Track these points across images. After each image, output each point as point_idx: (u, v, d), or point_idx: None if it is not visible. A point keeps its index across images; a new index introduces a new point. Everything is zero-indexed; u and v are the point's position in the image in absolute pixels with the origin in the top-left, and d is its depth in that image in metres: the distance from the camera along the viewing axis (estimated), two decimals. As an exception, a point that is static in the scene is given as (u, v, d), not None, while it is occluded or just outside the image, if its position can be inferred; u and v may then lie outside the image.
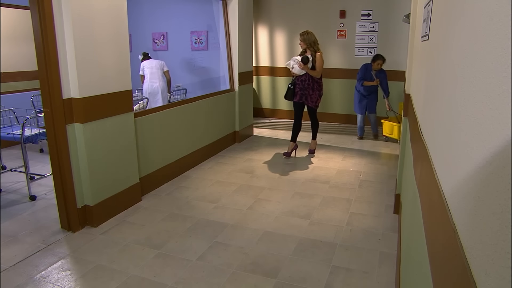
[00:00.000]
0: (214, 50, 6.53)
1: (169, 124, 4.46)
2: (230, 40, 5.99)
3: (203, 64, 6.97)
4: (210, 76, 6.69)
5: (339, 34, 7.30)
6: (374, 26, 7.00)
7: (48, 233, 3.32)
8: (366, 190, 4.24)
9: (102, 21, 3.27)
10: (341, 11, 7.17)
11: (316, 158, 5.40)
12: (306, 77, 5.16)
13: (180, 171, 4.74)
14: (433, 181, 1.18)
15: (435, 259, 0.99)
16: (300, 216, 3.61)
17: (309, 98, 5.22)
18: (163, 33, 7.23)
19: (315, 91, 5.21)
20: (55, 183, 3.30)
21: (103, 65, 3.33)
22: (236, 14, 5.87)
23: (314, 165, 5.12)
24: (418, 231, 1.51)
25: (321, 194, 4.15)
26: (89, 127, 3.25)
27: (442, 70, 1.28)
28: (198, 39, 6.87)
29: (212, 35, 6.71)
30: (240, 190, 4.26)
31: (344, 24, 7.23)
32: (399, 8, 6.74)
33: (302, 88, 5.20)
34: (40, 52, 2.99)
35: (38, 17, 2.90)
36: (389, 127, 6.16)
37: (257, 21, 7.81)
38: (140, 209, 3.78)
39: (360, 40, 7.16)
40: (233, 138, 6.16)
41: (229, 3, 5.89)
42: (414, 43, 3.19)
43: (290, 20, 7.57)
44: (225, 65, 6.07)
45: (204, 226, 3.44)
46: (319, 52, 5.13)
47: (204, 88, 6.52)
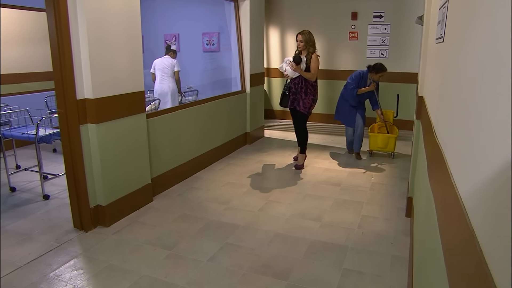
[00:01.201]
0: (226, 51, 6.54)
1: (180, 125, 4.48)
2: (241, 41, 6.00)
3: (214, 66, 6.99)
4: (222, 77, 6.71)
5: (350, 35, 7.27)
6: (386, 28, 6.96)
7: (61, 232, 3.36)
8: (377, 192, 4.21)
9: (115, 23, 3.30)
10: (353, 12, 7.14)
11: (326, 160, 5.38)
12: (300, 79, 4.71)
13: (191, 172, 4.76)
14: (449, 184, 1.17)
15: (452, 264, 0.98)
16: (311, 218, 3.60)
17: (301, 102, 4.73)
18: (175, 35, 7.27)
19: (309, 95, 4.72)
20: (68, 183, 3.33)
21: (116, 66, 3.36)
22: (248, 16, 5.88)
23: (325, 167, 5.10)
24: (432, 235, 1.49)
25: (332, 196, 4.13)
26: (102, 127, 3.28)
27: (459, 72, 1.27)
28: (209, 41, 6.90)
29: (223, 37, 6.73)
30: (251, 192, 4.27)
31: (355, 26, 7.20)
32: (411, 9, 6.69)
33: (294, 92, 4.77)
34: (55, 54, 3.03)
35: (54, 19, 2.94)
36: (382, 140, 5.36)
37: (268, 23, 7.82)
38: (151, 210, 3.80)
39: (372, 42, 7.12)
40: (244, 139, 6.17)
41: (241, 4, 5.91)
42: (427, 45, 3.16)
43: (301, 21, 7.56)
44: (237, 67, 6.09)
45: (216, 227, 3.45)
46: (314, 54, 4.70)
47: (215, 89, 6.55)
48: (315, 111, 7.76)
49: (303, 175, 4.81)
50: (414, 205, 3.21)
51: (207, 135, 5.07)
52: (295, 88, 4.76)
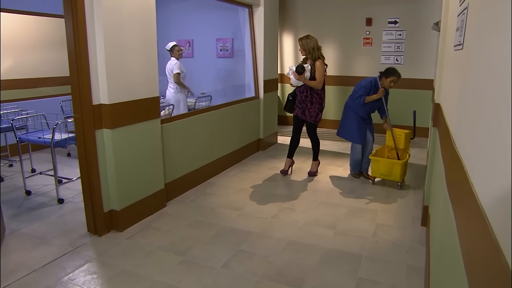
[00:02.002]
0: (240, 57, 6.58)
1: (194, 131, 4.51)
2: (255, 47, 6.03)
3: (228, 72, 7.03)
4: (235, 83, 6.74)
5: (365, 41, 7.25)
6: (401, 34, 6.93)
7: (75, 236, 3.40)
8: (392, 200, 4.17)
9: (131, 28, 3.35)
10: (367, 18, 7.13)
11: (340, 168, 5.35)
12: (305, 88, 4.60)
13: (204, 178, 4.78)
14: (470, 193, 1.16)
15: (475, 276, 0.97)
16: (325, 226, 3.58)
17: (307, 112, 4.65)
18: (189, 40, 7.34)
19: (314, 104, 4.62)
20: (83, 187, 3.38)
21: (132, 72, 3.41)
22: (262, 21, 5.92)
23: (339, 174, 5.07)
24: (451, 245, 1.47)
25: (346, 204, 4.11)
26: (117, 133, 3.32)
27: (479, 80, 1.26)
28: (223, 47, 6.95)
29: (237, 43, 6.77)
30: (265, 198, 4.26)
31: (370, 32, 7.18)
32: (427, 15, 6.66)
33: (300, 100, 4.66)
34: (72, 59, 3.09)
35: (72, 25, 3.00)
36: (386, 166, 4.44)
37: (282, 29, 7.84)
38: (164, 215, 3.83)
39: (387, 48, 7.09)
40: (257, 145, 6.18)
41: (255, 10, 5.95)
42: (444, 51, 3.14)
43: (315, 27, 7.57)
44: (250, 73, 6.11)
45: (229, 233, 3.45)
46: (319, 60, 4.51)
47: (229, 95, 6.58)
48: (329, 118, 7.78)
49: (316, 182, 4.79)
50: (430, 214, 3.17)
51: (220, 141, 5.10)
52: (301, 97, 4.67)
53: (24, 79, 6.47)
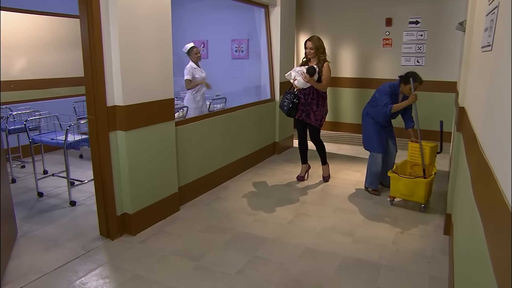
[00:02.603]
0: (255, 58, 6.60)
1: (208, 133, 4.54)
2: (271, 48, 6.04)
3: (243, 73, 7.05)
4: (250, 85, 6.75)
5: (384, 42, 7.20)
6: (422, 35, 6.86)
7: (88, 240, 3.44)
8: (412, 207, 4.11)
9: (146, 29, 3.39)
10: (387, 18, 7.07)
11: (358, 173, 5.31)
12: (311, 90, 4.54)
13: (218, 182, 4.80)
14: (500, 201, 1.13)
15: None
16: (343, 233, 3.55)
17: (312, 115, 4.59)
18: (203, 41, 7.39)
19: (320, 107, 4.58)
20: (96, 190, 3.42)
21: (147, 73, 3.44)
22: (278, 22, 5.93)
23: (357, 179, 5.03)
24: (479, 257, 1.44)
25: (364, 210, 4.07)
26: (131, 135, 3.35)
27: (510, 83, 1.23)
28: (238, 47, 6.98)
29: (253, 43, 6.79)
30: (280, 203, 4.25)
31: (390, 32, 7.12)
32: (450, 15, 6.58)
33: (304, 103, 4.59)
34: (87, 60, 3.14)
35: (87, 26, 3.05)
36: (408, 185, 3.96)
37: (299, 29, 7.84)
38: (178, 219, 3.85)
39: (407, 49, 7.03)
40: (272, 149, 6.17)
41: (272, 10, 5.96)
42: (471, 53, 3.09)
43: (333, 28, 7.55)
44: (266, 74, 6.12)
45: (244, 239, 3.45)
46: (327, 61, 4.53)
47: (244, 97, 6.58)
48: (346, 121, 7.74)
49: (333, 187, 4.76)
50: (453, 222, 3.12)
51: (235, 144, 5.11)
52: (305, 100, 4.58)
53: (37, 80, 6.60)
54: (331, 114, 7.62)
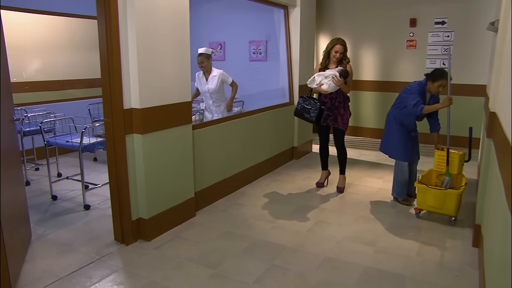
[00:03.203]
0: (273, 61, 6.60)
1: (225, 137, 4.56)
2: (291, 50, 6.05)
3: (261, 76, 7.06)
4: (269, 88, 6.76)
5: (408, 44, 7.13)
6: (449, 36, 6.78)
7: (102, 245, 3.48)
8: (438, 217, 4.04)
9: (164, 30, 3.43)
10: (411, 19, 7.01)
11: (380, 180, 5.26)
12: (338, 94, 4.53)
13: (235, 187, 4.81)
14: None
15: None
16: (365, 243, 3.52)
17: (339, 119, 4.57)
18: (221, 43, 7.44)
19: (346, 110, 4.61)
20: (111, 194, 3.46)
21: (164, 76, 3.48)
22: (298, 23, 5.93)
23: (379, 186, 4.98)
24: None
25: (387, 219, 4.03)
26: (148, 138, 3.39)
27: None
28: (256, 49, 7.00)
29: (271, 45, 6.80)
30: (299, 210, 4.24)
31: (414, 34, 7.06)
32: (479, 15, 6.48)
33: (331, 107, 4.55)
34: (104, 62, 3.18)
35: (105, 27, 3.10)
36: (437, 197, 3.81)
37: (318, 31, 7.83)
38: (194, 225, 3.87)
39: (433, 51, 6.95)
40: (290, 154, 6.17)
41: (291, 11, 5.97)
42: (503, 54, 3.04)
43: (354, 30, 7.52)
44: (285, 77, 6.13)
45: (262, 247, 3.45)
46: (349, 64, 4.57)
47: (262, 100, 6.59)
48: (367, 126, 7.68)
49: (354, 194, 4.72)
50: (483, 233, 3.06)
51: (252, 148, 5.12)
52: (332, 104, 4.55)
53: (52, 81, 6.73)
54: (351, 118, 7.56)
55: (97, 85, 6.32)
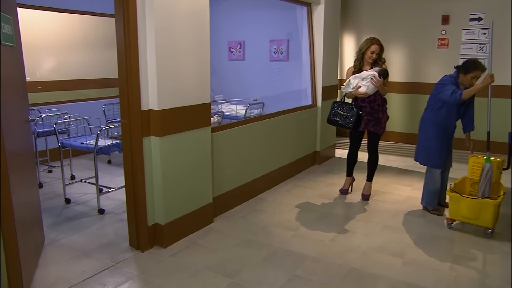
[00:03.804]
0: (295, 61, 6.61)
1: (245, 140, 4.58)
2: (314, 50, 6.04)
3: (282, 76, 7.07)
4: (290, 89, 6.77)
5: (440, 43, 7.04)
6: (485, 33, 6.65)
7: (116, 250, 3.52)
8: (472, 228, 3.97)
9: (184, 30, 3.47)
10: (443, 16, 6.92)
11: (408, 187, 5.20)
12: (376, 97, 4.46)
13: (255, 193, 4.83)
14: None
15: None
16: (392, 254, 3.48)
17: (378, 123, 4.51)
18: (240, 42, 7.48)
19: (385, 113, 4.56)
20: (127, 198, 3.51)
21: (183, 76, 3.52)
22: (322, 22, 5.93)
23: (407, 194, 4.93)
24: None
25: (416, 229, 3.98)
26: (166, 140, 3.43)
27: None
28: (278, 49, 7.01)
29: (293, 44, 6.80)
30: (322, 218, 4.23)
31: (446, 31, 6.96)
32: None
33: (370, 112, 4.48)
34: (122, 62, 3.24)
35: (123, 26, 3.15)
36: (472, 207, 3.71)
37: (343, 30, 7.80)
38: (212, 232, 3.89)
39: (467, 50, 6.83)
40: (313, 159, 6.15)
41: (315, 9, 5.97)
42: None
43: (381, 28, 7.46)
44: (307, 78, 6.13)
45: (282, 256, 3.44)
46: (385, 64, 4.52)
47: (283, 102, 6.60)
48: (393, 130, 7.60)
49: (380, 202, 4.68)
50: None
51: (273, 152, 5.13)
52: (371, 108, 4.48)
53: (65, 81, 6.87)
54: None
55: (112, 85, 6.44)
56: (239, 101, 6.62)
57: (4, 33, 2.67)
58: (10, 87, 2.85)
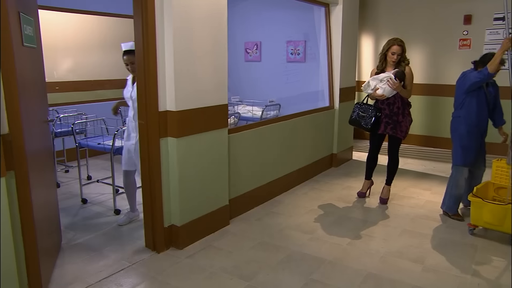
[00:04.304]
0: (313, 62, 6.61)
1: (261, 142, 4.60)
2: (331, 51, 6.04)
3: (299, 78, 7.08)
4: (307, 91, 6.77)
5: (461, 43, 6.97)
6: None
7: (132, 251, 3.57)
8: (495, 234, 3.92)
9: (202, 31, 3.51)
10: (466, 16, 6.84)
11: (427, 191, 5.16)
12: (396, 99, 4.43)
13: (271, 195, 4.85)
14: None
15: None
16: (411, 259, 3.46)
17: (398, 127, 4.45)
18: (257, 43, 7.51)
19: (406, 117, 4.49)
20: (143, 199, 3.56)
21: (201, 77, 3.56)
22: (340, 22, 5.92)
23: (426, 198, 4.89)
24: None
25: (436, 234, 3.95)
26: (183, 142, 3.47)
27: None
28: (294, 50, 7.03)
29: (310, 45, 6.81)
30: (339, 222, 4.23)
31: (469, 32, 6.88)
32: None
33: (389, 114, 4.46)
34: (140, 63, 3.29)
35: (141, 27, 3.20)
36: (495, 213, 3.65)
37: (361, 30, 7.77)
38: (227, 234, 3.92)
39: (490, 51, 6.73)
40: (329, 161, 6.15)
41: (333, 9, 5.96)
42: None
43: (400, 29, 7.41)
44: (325, 80, 6.12)
45: (299, 259, 3.45)
46: (409, 66, 4.45)
47: (300, 104, 6.62)
48: (413, 132, 7.52)
49: (399, 206, 4.65)
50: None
51: (289, 154, 5.14)
52: (390, 110, 4.46)
53: (82, 82, 6.98)
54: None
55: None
56: (255, 102, 6.66)
57: (26, 35, 2.74)
58: (31, 88, 2.92)
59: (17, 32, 2.57)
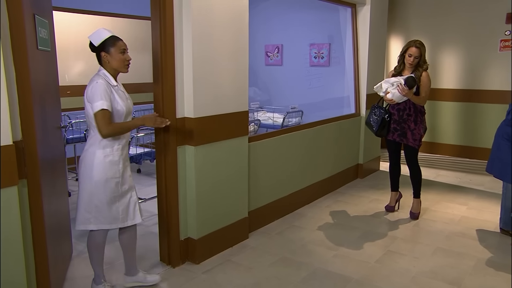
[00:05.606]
0: (337, 66, 6.61)
1: (283, 151, 4.60)
2: (358, 54, 6.02)
3: (323, 83, 7.07)
4: (332, 97, 6.76)
5: (502, 45, 6.83)
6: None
7: (147, 265, 3.60)
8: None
9: (222, 35, 3.54)
10: (508, 14, 6.68)
11: (464, 206, 5.08)
12: (407, 105, 4.43)
13: (292, 208, 4.84)
14: None
15: None
16: (447, 281, 3.39)
17: (409, 134, 4.46)
18: (278, 46, 7.54)
19: (418, 124, 4.46)
20: (159, 209, 3.58)
21: (220, 83, 3.59)
22: (367, 24, 5.91)
23: (462, 214, 4.81)
24: None
25: (474, 254, 3.87)
26: (201, 150, 3.49)
27: None
28: (318, 53, 7.03)
29: (335, 49, 6.80)
30: (366, 237, 4.19)
31: (511, 32, 6.76)
32: None
33: (399, 120, 4.48)
34: (157, 68, 3.33)
35: (159, 30, 3.24)
36: None
37: (389, 32, 7.73)
38: (246, 249, 3.91)
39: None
40: (355, 172, 6.12)
41: (360, 10, 5.96)
42: None
43: (432, 31, 7.35)
44: (351, 85, 6.11)
45: (323, 277, 3.43)
46: (426, 71, 4.42)
47: (323, 110, 6.62)
48: (446, 142, 7.45)
49: (431, 222, 4.59)
50: None
51: (312, 164, 5.13)
52: (399, 116, 4.47)
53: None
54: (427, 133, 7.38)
55: (142, 90, 6.59)
56: (276, 108, 6.66)
57: (40, 38, 2.81)
58: (45, 93, 2.98)
59: (32, 36, 2.63)
